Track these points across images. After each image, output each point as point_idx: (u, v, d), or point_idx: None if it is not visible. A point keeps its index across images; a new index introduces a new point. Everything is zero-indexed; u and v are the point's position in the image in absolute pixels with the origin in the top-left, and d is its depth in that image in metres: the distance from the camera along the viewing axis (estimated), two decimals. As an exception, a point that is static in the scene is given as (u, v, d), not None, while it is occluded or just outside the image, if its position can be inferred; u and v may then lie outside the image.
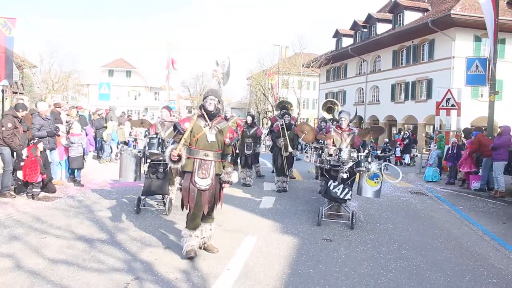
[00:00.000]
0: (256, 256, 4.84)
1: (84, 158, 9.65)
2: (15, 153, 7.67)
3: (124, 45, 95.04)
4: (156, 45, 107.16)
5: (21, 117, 7.82)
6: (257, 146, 10.27)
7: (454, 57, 22.95)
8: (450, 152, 11.86)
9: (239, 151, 9.99)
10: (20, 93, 23.67)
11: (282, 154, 9.17)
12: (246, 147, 9.90)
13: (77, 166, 9.13)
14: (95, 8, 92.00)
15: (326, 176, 6.66)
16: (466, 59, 13.64)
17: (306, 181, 11.19)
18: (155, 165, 6.56)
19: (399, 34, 26.87)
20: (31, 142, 7.89)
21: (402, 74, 27.91)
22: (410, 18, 26.87)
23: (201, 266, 4.41)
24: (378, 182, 6.40)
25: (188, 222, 4.69)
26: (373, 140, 21.68)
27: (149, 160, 6.63)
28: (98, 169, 11.96)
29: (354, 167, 6.24)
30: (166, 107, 7.44)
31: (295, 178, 11.44)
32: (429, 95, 25.10)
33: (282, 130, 9.21)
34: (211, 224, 4.87)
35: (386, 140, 21.43)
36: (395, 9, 28.46)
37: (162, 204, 6.93)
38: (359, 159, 6.16)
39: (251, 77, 45.77)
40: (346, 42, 34.84)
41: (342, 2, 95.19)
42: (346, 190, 6.31)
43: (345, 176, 6.24)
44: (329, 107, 10.81)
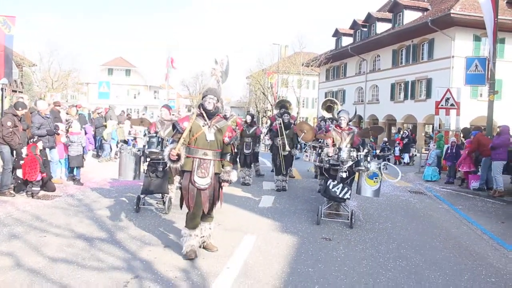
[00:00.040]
0: (255, 255, 4.84)
1: (83, 157, 9.65)
2: (15, 151, 7.67)
3: (124, 44, 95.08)
4: (155, 44, 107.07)
5: (20, 115, 7.82)
6: (256, 145, 10.28)
7: (453, 56, 22.97)
8: (449, 151, 11.87)
9: (239, 150, 9.99)
10: (19, 91, 23.66)
11: (279, 153, 9.18)
12: (245, 146, 9.91)
13: (76, 164, 9.14)
14: (95, 8, 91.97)
15: (326, 175, 6.67)
16: (465, 59, 13.64)
17: (306, 180, 11.20)
18: (155, 163, 6.57)
19: (399, 33, 26.88)
20: (31, 140, 7.89)
21: (402, 73, 27.92)
22: (409, 17, 26.89)
23: (200, 264, 4.42)
24: (377, 182, 6.41)
25: (187, 222, 4.69)
26: (372, 139, 21.71)
27: (148, 158, 6.64)
28: (97, 167, 11.96)
29: (354, 167, 6.25)
30: (165, 106, 7.44)
31: (295, 177, 11.45)
32: (428, 95, 25.13)
33: (280, 129, 9.21)
34: (211, 223, 4.87)
35: (385, 139, 21.43)
36: (395, 8, 28.47)
37: (161, 202, 6.94)
38: (359, 159, 6.16)
39: (251, 76, 45.73)
40: (346, 41, 34.85)
41: (342, 2, 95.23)
42: (346, 189, 6.31)
43: (344, 175, 6.25)
44: (328, 106, 10.82)
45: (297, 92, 38.48)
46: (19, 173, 7.47)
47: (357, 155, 6.16)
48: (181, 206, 4.94)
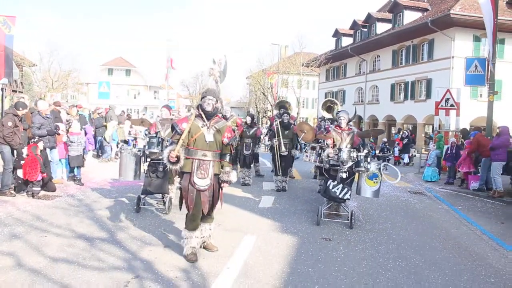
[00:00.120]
0: (255, 255, 4.86)
1: (83, 157, 9.66)
2: (15, 151, 7.69)
3: (124, 44, 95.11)
4: (155, 44, 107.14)
5: (21, 115, 7.83)
6: (256, 146, 10.27)
7: (453, 57, 22.98)
8: (449, 152, 11.88)
9: (238, 151, 9.98)
10: (19, 91, 23.68)
11: (276, 153, 9.19)
12: (245, 147, 9.89)
13: (77, 164, 9.15)
14: (95, 8, 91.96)
15: (325, 175, 6.68)
16: (465, 59, 13.66)
17: (306, 180, 11.21)
18: (155, 164, 6.57)
19: (399, 33, 26.89)
20: (32, 141, 7.90)
21: (402, 73, 27.93)
22: (409, 17, 26.90)
23: (201, 264, 4.43)
24: (377, 182, 6.41)
25: (187, 223, 4.68)
26: (372, 139, 21.74)
27: (149, 159, 6.65)
28: (98, 168, 11.97)
29: (354, 167, 6.25)
30: (166, 106, 7.46)
31: (295, 177, 11.46)
32: (428, 95, 25.14)
33: (277, 130, 9.21)
34: (211, 224, 4.88)
35: (385, 139, 21.46)
36: (395, 8, 28.49)
37: (162, 203, 6.95)
38: (359, 159, 6.17)
39: (251, 76, 45.74)
40: (346, 41, 34.86)
41: (342, 2, 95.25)
42: (345, 189, 6.32)
43: (344, 175, 6.25)
44: (328, 107, 10.82)
45: (297, 92, 38.49)
46: (20, 173, 7.48)
47: (357, 156, 6.17)
48: (180, 207, 4.94)
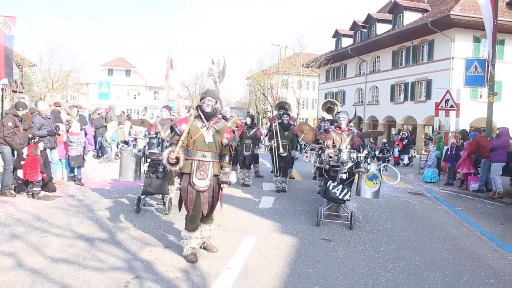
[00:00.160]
0: (255, 255, 4.86)
1: (83, 158, 9.67)
2: (16, 152, 7.70)
3: (124, 45, 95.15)
4: (155, 44, 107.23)
5: (21, 116, 7.84)
6: (256, 147, 10.28)
7: (453, 58, 22.99)
8: (449, 153, 11.89)
9: (238, 152, 9.99)
10: (19, 92, 23.70)
11: (274, 155, 9.20)
12: (245, 148, 9.88)
13: (77, 165, 9.16)
14: (95, 8, 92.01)
15: (325, 176, 6.69)
16: (465, 60, 13.67)
17: (306, 181, 11.21)
18: (155, 164, 6.58)
19: (399, 34, 26.90)
20: (32, 141, 7.91)
21: (402, 74, 27.94)
22: (409, 18, 26.91)
23: (201, 265, 4.44)
24: (377, 183, 6.42)
25: (187, 224, 4.68)
26: (372, 140, 21.76)
27: (149, 159, 6.66)
28: (98, 168, 11.98)
29: (353, 168, 6.25)
30: (166, 107, 7.47)
31: (295, 178, 11.47)
32: (428, 96, 25.15)
33: (276, 131, 9.20)
34: (211, 224, 4.88)
35: (384, 140, 21.47)
36: (395, 9, 28.50)
37: (162, 203, 6.96)
38: (359, 160, 6.18)
39: (251, 77, 45.76)
40: (346, 42, 34.88)
41: (342, 2, 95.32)
42: (345, 190, 6.33)
43: (344, 176, 6.25)
44: (328, 107, 10.84)
45: (297, 93, 38.49)
46: (20, 173, 7.49)
47: (357, 157, 6.18)
48: (179, 208, 4.94)
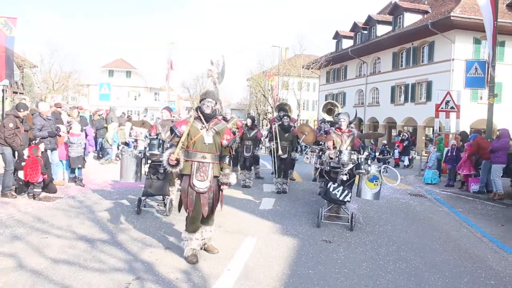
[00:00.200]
0: (256, 257, 4.87)
1: (84, 159, 9.68)
2: (17, 153, 7.71)
3: (124, 45, 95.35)
4: (156, 45, 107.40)
5: (22, 117, 7.86)
6: (256, 148, 10.29)
7: (453, 59, 23.02)
8: (450, 154, 11.90)
9: (239, 153, 10.00)
10: (20, 93, 23.75)
11: (273, 156, 9.21)
12: (245, 149, 9.90)
13: (77, 165, 9.17)
14: (95, 8, 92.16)
15: (326, 177, 6.69)
16: (465, 62, 13.68)
17: (306, 182, 11.21)
18: (156, 166, 6.59)
19: (399, 36, 26.94)
20: (33, 142, 7.92)
21: (402, 76, 27.97)
22: (410, 20, 26.94)
23: (201, 266, 4.44)
24: (377, 184, 6.42)
25: (187, 225, 4.69)
26: (373, 141, 21.78)
27: (149, 161, 6.67)
28: (98, 169, 11.99)
29: (354, 169, 6.26)
30: (166, 108, 7.47)
31: (295, 179, 11.47)
32: (428, 97, 25.16)
33: (275, 133, 9.21)
34: (211, 226, 4.89)
35: (385, 142, 21.47)
36: (395, 11, 28.54)
37: (162, 205, 6.96)
38: (359, 161, 6.18)
39: (251, 78, 45.82)
40: (346, 43, 34.93)
41: (342, 4, 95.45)
42: (346, 192, 6.33)
43: (345, 178, 6.25)
44: (329, 109, 10.84)
45: (297, 94, 38.54)
46: (21, 174, 7.49)
47: (357, 158, 6.18)
48: (179, 209, 4.94)
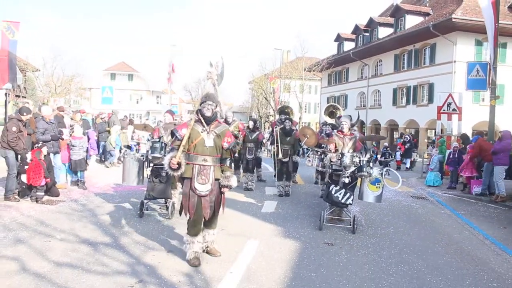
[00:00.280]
0: (258, 260, 4.87)
1: (86, 162, 9.72)
2: (20, 156, 7.74)
3: (127, 50, 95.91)
4: (158, 49, 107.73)
5: (25, 120, 7.89)
6: (258, 151, 10.31)
7: (455, 61, 23.01)
8: (452, 156, 11.89)
9: (241, 156, 10.02)
10: (23, 96, 23.86)
11: (274, 160, 9.23)
12: (247, 152, 9.92)
13: (79, 168, 9.21)
14: (95, 7, 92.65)
15: (328, 180, 6.69)
16: (467, 64, 13.68)
17: (308, 185, 11.21)
18: (158, 169, 6.61)
19: (401, 38, 26.95)
20: (36, 146, 7.95)
21: (404, 78, 27.97)
22: (411, 22, 26.97)
23: (204, 269, 4.45)
24: (379, 187, 6.42)
25: (189, 229, 4.69)
26: (374, 144, 21.74)
27: (152, 164, 6.69)
28: (101, 173, 12.02)
29: (356, 172, 6.26)
30: (169, 111, 7.51)
31: (297, 182, 11.47)
32: (430, 100, 25.13)
33: (276, 136, 9.21)
34: (214, 229, 4.89)
35: (386, 144, 21.45)
36: (397, 13, 28.58)
37: (164, 208, 6.98)
38: (361, 164, 6.19)
39: (253, 81, 45.88)
40: (348, 46, 34.97)
41: (344, 6, 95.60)
42: (348, 194, 6.33)
43: (347, 180, 6.26)
44: (331, 112, 10.86)
45: (299, 97, 38.55)
46: (24, 178, 7.53)
47: (359, 161, 6.19)
48: (180, 213, 4.93)
